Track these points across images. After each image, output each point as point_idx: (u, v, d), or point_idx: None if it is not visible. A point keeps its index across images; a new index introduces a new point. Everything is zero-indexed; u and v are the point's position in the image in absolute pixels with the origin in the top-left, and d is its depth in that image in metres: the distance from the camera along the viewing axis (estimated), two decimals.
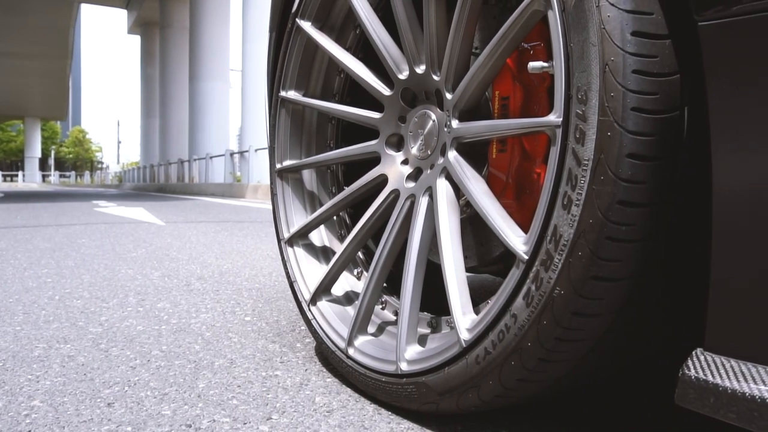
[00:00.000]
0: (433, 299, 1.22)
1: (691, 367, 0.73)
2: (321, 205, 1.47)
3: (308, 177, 1.52)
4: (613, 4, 0.73)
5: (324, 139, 1.53)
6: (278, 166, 1.50)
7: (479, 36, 1.18)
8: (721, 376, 0.71)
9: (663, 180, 0.75)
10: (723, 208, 0.67)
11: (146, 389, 1.22)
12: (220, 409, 1.12)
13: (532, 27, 0.88)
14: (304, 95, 1.48)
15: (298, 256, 1.43)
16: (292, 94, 1.47)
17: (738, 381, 0.70)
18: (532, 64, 0.90)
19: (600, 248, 0.75)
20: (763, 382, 0.67)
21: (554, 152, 0.79)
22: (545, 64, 0.89)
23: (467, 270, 1.25)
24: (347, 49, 1.43)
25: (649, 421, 1.08)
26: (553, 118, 0.79)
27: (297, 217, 1.47)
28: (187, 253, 3.50)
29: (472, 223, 1.19)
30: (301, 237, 1.45)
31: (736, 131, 0.65)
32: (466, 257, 1.20)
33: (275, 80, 1.51)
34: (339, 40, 1.42)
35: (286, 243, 1.45)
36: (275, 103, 1.52)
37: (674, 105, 0.74)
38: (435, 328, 1.16)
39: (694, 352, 0.74)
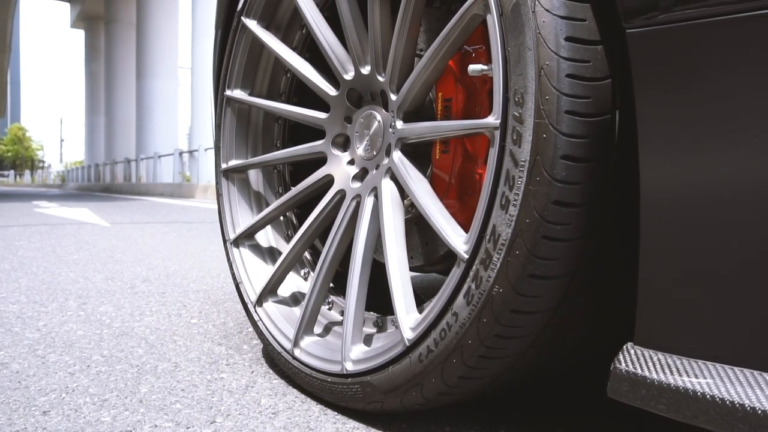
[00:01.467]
0: (380, 299, 1.23)
1: (622, 361, 0.76)
2: (267, 205, 1.46)
3: (254, 177, 1.50)
4: (548, 10, 0.75)
5: (270, 138, 1.52)
6: (224, 165, 1.48)
7: (424, 38, 1.19)
8: (649, 369, 0.74)
9: (596, 181, 0.77)
10: (649, 209, 0.70)
11: (85, 396, 1.18)
12: (162, 413, 1.10)
13: (473, 30, 0.90)
14: (250, 94, 1.46)
15: (244, 257, 1.42)
16: (237, 93, 1.45)
17: (666, 373, 0.73)
18: (472, 67, 0.92)
19: (536, 247, 0.77)
20: (688, 373, 0.71)
21: (493, 153, 0.81)
22: (485, 67, 0.91)
23: (414, 269, 1.26)
24: (293, 49, 1.42)
25: (584, 415, 1.12)
26: (492, 120, 0.81)
27: (243, 218, 1.45)
28: (133, 254, 3.41)
29: (418, 223, 1.20)
30: (247, 238, 1.43)
31: (661, 135, 0.68)
32: (411, 257, 1.21)
33: (221, 79, 1.49)
34: (285, 40, 1.41)
35: (232, 244, 1.43)
36: (221, 102, 1.50)
37: (606, 108, 0.77)
38: (381, 327, 1.17)
39: (625, 347, 0.77)
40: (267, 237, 1.46)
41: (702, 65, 0.64)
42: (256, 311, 1.33)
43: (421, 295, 1.23)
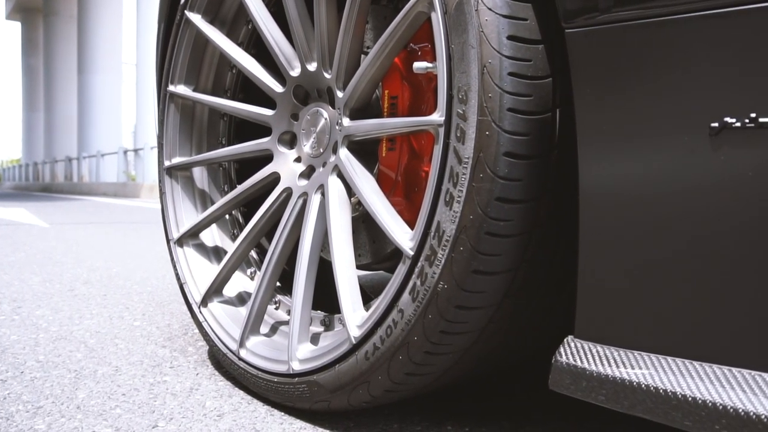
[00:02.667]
0: (328, 297, 1.22)
1: (563, 354, 0.77)
2: (212, 203, 1.43)
3: (199, 175, 1.47)
4: (490, 9, 0.76)
5: (216, 135, 1.49)
6: (167, 163, 1.44)
7: (371, 36, 1.19)
8: (589, 361, 0.76)
9: (538, 178, 0.79)
10: (587, 205, 0.71)
11: (18, 403, 1.13)
12: (101, 419, 1.06)
13: (418, 28, 0.90)
14: (194, 90, 1.43)
15: (189, 256, 1.38)
16: (181, 89, 1.42)
17: (605, 365, 0.75)
18: (416, 65, 0.92)
19: (480, 243, 0.78)
20: (624, 364, 0.73)
21: (437, 150, 0.81)
22: (429, 65, 0.91)
23: (362, 267, 1.26)
24: (239, 45, 1.40)
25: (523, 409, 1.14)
26: (436, 117, 0.82)
27: (187, 217, 1.42)
28: (73, 256, 3.29)
29: (365, 221, 1.20)
30: (191, 237, 1.40)
31: (599, 133, 0.70)
32: (359, 255, 1.21)
33: (163, 74, 1.45)
34: (231, 35, 1.38)
35: (176, 243, 1.40)
36: (163, 97, 1.46)
37: (547, 107, 0.78)
38: (328, 326, 1.17)
39: (565, 340, 0.79)
40: (212, 236, 1.43)
41: (636, 66, 0.66)
42: (200, 312, 1.30)
43: (371, 294, 1.23)
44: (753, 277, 0.62)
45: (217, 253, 1.41)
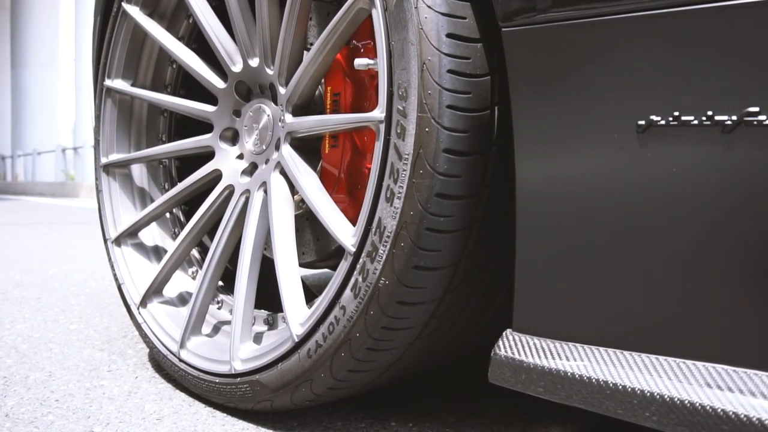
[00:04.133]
0: (272, 296, 1.20)
1: (502, 347, 0.79)
2: (152, 201, 1.39)
3: (138, 172, 1.43)
4: (429, 6, 0.77)
5: (155, 132, 1.45)
6: (104, 160, 1.40)
7: (315, 32, 1.18)
8: (527, 354, 0.78)
9: (477, 174, 0.80)
10: (524, 201, 0.73)
11: None
12: (32, 427, 1.02)
13: (359, 24, 0.90)
14: (132, 85, 1.39)
15: (127, 256, 1.34)
16: (118, 84, 1.37)
17: (542, 357, 0.77)
18: (357, 61, 0.92)
19: (420, 239, 0.78)
20: (560, 356, 0.75)
21: (378, 147, 0.82)
22: (370, 61, 0.91)
23: (307, 265, 1.25)
24: (180, 39, 1.36)
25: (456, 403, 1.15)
26: (377, 113, 0.82)
27: (125, 215, 1.38)
28: (5, 258, 3.14)
29: (309, 219, 1.19)
30: (130, 236, 1.36)
31: (534, 131, 0.71)
32: (303, 253, 1.20)
33: (100, 68, 1.40)
34: (171, 29, 1.35)
35: (113, 243, 1.35)
36: (100, 92, 1.41)
37: (486, 104, 0.79)
38: (271, 325, 1.15)
39: (504, 333, 0.80)
40: (152, 235, 1.39)
41: (568, 65, 0.68)
42: (139, 313, 1.26)
43: (316, 292, 1.22)
44: (679, 268, 0.64)
45: (157, 252, 1.37)
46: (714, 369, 0.63)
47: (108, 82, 1.37)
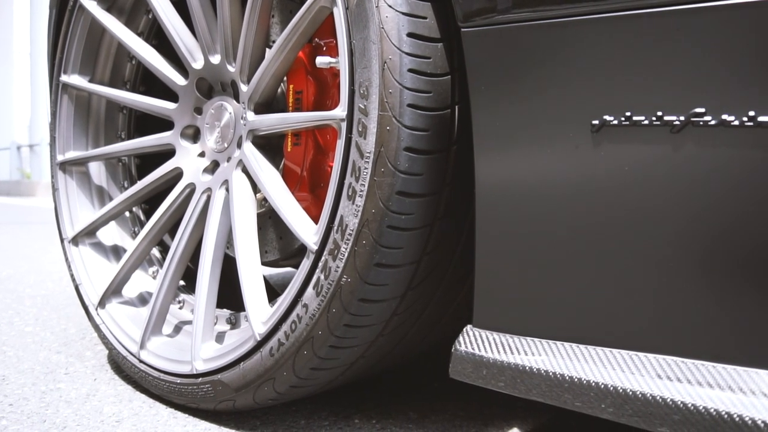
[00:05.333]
0: (235, 295, 1.19)
1: (462, 343, 0.80)
2: (111, 200, 1.37)
3: (96, 170, 1.40)
4: (390, 6, 0.77)
5: (114, 129, 1.42)
6: (60, 158, 1.37)
7: (278, 30, 1.17)
8: (487, 350, 0.79)
9: (438, 172, 0.81)
10: (483, 199, 0.74)
11: None
12: None
13: (321, 22, 0.90)
14: (90, 81, 1.36)
15: (85, 256, 1.31)
16: (75, 80, 1.34)
17: (502, 352, 0.78)
18: (319, 59, 0.92)
19: (382, 236, 0.79)
20: (519, 351, 0.76)
21: (340, 145, 0.82)
22: (332, 60, 0.92)
23: (270, 264, 1.24)
24: (139, 35, 1.34)
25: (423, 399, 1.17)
26: (339, 112, 0.82)
27: (83, 214, 1.35)
28: None
29: (272, 217, 1.18)
30: (87, 235, 1.33)
31: (492, 129, 0.72)
32: (266, 251, 1.19)
33: (56, 63, 1.37)
34: (129, 24, 1.33)
35: (71, 242, 1.32)
36: (56, 88, 1.38)
37: (446, 103, 0.80)
38: (234, 324, 1.14)
39: (465, 329, 0.81)
40: (111, 234, 1.37)
41: (526, 66, 0.69)
42: (98, 314, 1.24)
43: (280, 291, 1.22)
44: (631, 263, 0.66)
45: (116, 252, 1.35)
46: (664, 360, 0.65)
47: (64, 78, 1.34)
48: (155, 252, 1.37)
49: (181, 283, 1.30)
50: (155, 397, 1.15)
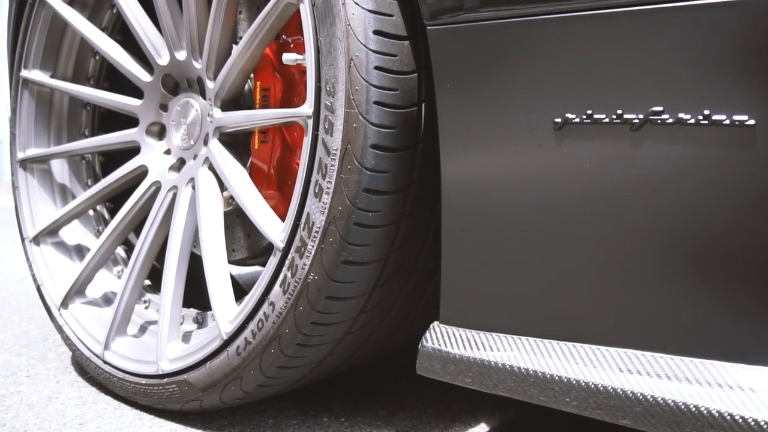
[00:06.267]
0: (203, 294, 1.18)
1: (429, 339, 0.80)
2: (74, 198, 1.34)
3: (59, 168, 1.37)
4: (357, 3, 0.77)
5: (77, 126, 1.39)
6: (21, 155, 1.33)
7: (245, 26, 1.16)
8: (453, 346, 0.79)
9: (405, 169, 0.81)
10: (449, 197, 0.75)
11: None
12: None
13: (288, 19, 0.90)
14: (52, 76, 1.33)
15: (47, 255, 1.28)
16: (36, 75, 1.31)
17: (469, 348, 0.79)
18: (286, 56, 0.92)
19: (349, 234, 0.79)
20: (485, 347, 0.77)
21: (306, 142, 0.82)
22: (299, 57, 0.91)
23: (238, 263, 1.23)
24: (103, 30, 1.31)
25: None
26: (305, 109, 0.82)
27: (45, 213, 1.32)
28: None
29: (240, 215, 1.17)
30: (50, 234, 1.30)
31: (458, 128, 0.73)
32: (234, 250, 1.18)
33: (16, 58, 1.34)
34: (93, 19, 1.30)
35: (32, 241, 1.29)
36: (16, 83, 1.34)
37: (413, 101, 0.81)
38: (201, 323, 1.13)
39: (431, 325, 0.82)
40: (74, 233, 1.34)
41: (490, 64, 0.70)
42: (60, 314, 1.21)
43: (249, 290, 1.21)
44: (592, 259, 0.68)
45: (79, 251, 1.32)
46: (624, 353, 0.67)
47: (25, 73, 1.31)
48: (120, 251, 1.35)
49: (147, 282, 1.28)
50: (120, 398, 1.13)
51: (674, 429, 0.64)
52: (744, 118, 0.56)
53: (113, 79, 1.40)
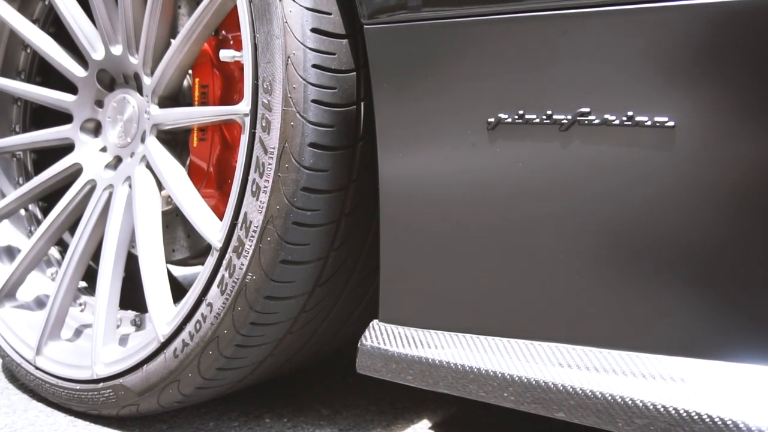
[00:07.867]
0: (141, 296, 1.15)
1: (368, 338, 0.81)
2: (4, 197, 1.28)
3: None
4: (294, 0, 0.77)
5: (8, 122, 1.34)
6: None
7: (185, 21, 1.14)
8: (392, 344, 0.80)
9: (344, 168, 0.81)
10: (386, 196, 0.75)
11: None
12: None
13: (226, 14, 0.88)
14: None
15: None
16: None
17: (409, 346, 0.79)
18: (223, 53, 0.90)
19: (287, 233, 0.78)
20: (423, 344, 0.78)
21: (244, 140, 0.81)
22: (236, 53, 0.90)
23: (178, 263, 1.20)
24: (34, 22, 1.26)
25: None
26: (242, 107, 0.81)
27: None
28: None
29: (180, 215, 1.15)
30: None
31: (394, 126, 0.73)
32: (174, 250, 1.15)
33: None
34: (23, 10, 1.25)
35: None
36: None
37: (351, 100, 0.80)
38: (139, 326, 1.10)
39: (371, 324, 0.82)
40: (4, 233, 1.28)
41: (425, 64, 0.71)
42: None
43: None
44: (525, 256, 0.69)
45: (9, 252, 1.27)
46: (556, 348, 0.68)
47: None
48: (54, 252, 1.30)
49: (83, 284, 1.23)
50: (54, 405, 1.09)
51: (606, 420, 0.66)
52: (664, 119, 0.58)
53: (46, 73, 1.35)
